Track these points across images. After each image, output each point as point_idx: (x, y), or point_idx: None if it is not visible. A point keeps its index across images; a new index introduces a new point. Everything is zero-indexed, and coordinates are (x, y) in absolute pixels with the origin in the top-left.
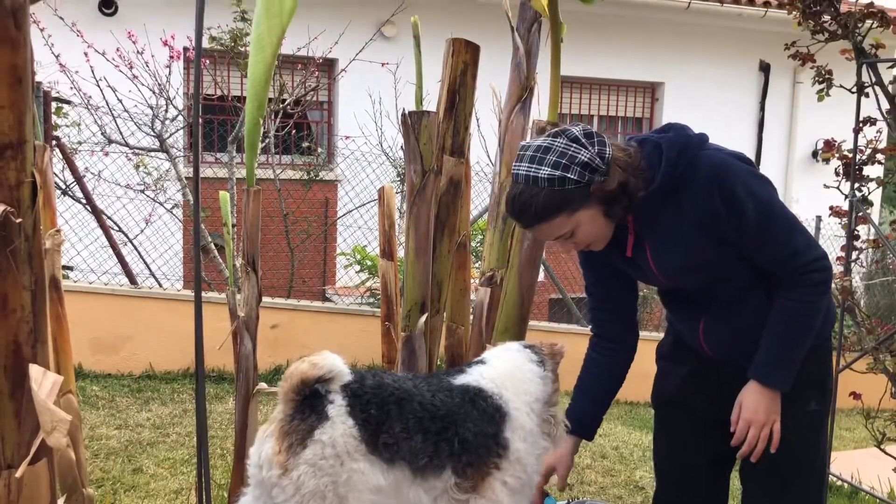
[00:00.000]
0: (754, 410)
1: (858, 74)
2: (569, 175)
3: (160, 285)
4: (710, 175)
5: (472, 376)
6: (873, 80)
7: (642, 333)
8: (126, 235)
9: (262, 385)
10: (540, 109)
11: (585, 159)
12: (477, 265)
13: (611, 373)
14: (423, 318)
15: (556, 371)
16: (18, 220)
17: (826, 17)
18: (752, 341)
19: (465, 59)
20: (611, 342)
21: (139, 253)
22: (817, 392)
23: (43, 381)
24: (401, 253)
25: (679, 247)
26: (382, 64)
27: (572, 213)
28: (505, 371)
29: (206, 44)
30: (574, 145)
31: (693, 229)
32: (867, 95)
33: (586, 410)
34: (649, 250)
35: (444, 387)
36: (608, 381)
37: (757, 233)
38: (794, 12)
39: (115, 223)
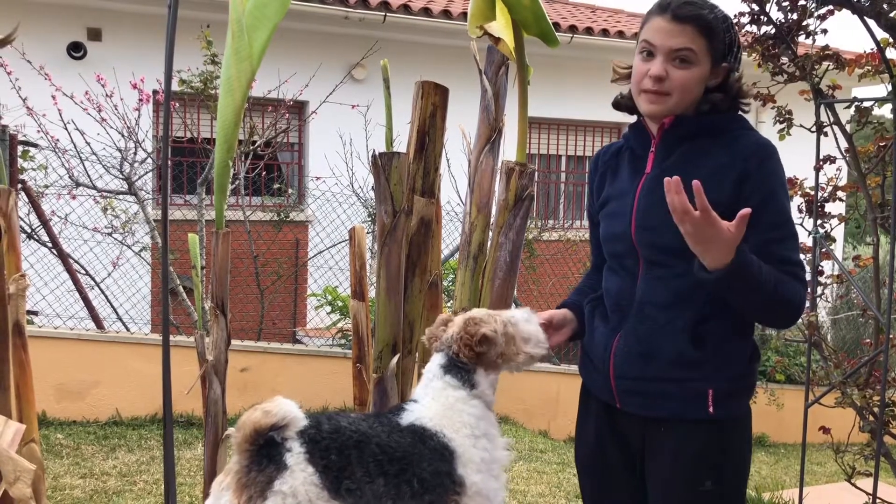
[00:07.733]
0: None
1: (817, 114)
2: (732, 33)
3: (127, 329)
4: (761, 145)
5: (413, 414)
6: (831, 119)
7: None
8: (93, 279)
9: (232, 430)
10: (506, 150)
11: (740, 40)
12: (449, 304)
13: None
14: (395, 359)
15: (488, 355)
16: None
17: (784, 60)
18: (655, 379)
19: (434, 101)
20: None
21: (106, 297)
22: (712, 472)
23: (4, 430)
24: (372, 293)
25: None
26: (353, 106)
27: (708, 51)
28: (438, 410)
29: (175, 87)
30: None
31: (707, 174)
32: (826, 135)
33: (571, 299)
34: (644, 181)
35: (395, 427)
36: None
37: (771, 218)
38: (753, 54)
39: (81, 266)
